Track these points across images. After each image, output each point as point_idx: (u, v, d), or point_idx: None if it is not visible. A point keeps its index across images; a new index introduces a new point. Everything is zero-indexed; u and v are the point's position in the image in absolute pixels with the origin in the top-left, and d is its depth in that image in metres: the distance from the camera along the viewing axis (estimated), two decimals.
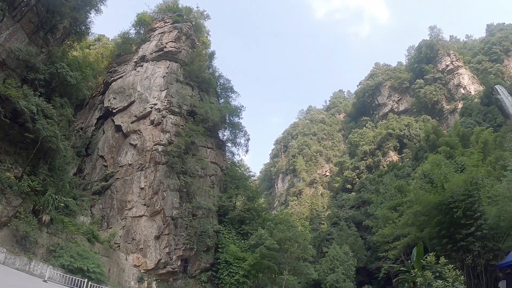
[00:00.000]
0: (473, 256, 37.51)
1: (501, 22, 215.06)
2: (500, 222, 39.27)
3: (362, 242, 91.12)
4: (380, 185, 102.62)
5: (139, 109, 63.23)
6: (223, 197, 66.54)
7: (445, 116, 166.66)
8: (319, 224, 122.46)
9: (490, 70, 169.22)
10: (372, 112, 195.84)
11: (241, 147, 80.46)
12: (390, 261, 62.19)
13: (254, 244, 57.05)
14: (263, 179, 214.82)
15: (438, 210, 42.01)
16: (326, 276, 72.44)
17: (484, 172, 54.34)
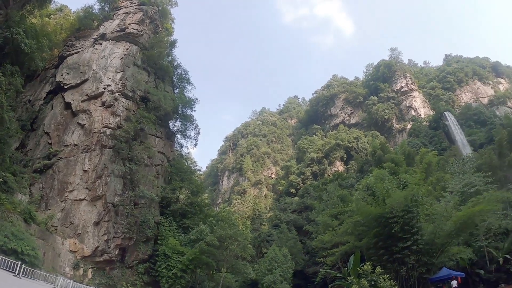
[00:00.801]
0: (408, 269, 38.85)
1: (458, 55, 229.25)
2: (436, 239, 40.88)
3: (301, 246, 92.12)
4: (323, 193, 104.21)
5: (92, 88, 60.74)
6: (167, 188, 65.05)
7: (394, 134, 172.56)
8: (260, 225, 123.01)
9: (442, 97, 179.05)
10: (323, 121, 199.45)
11: (191, 140, 79.11)
12: (327, 267, 63.23)
13: (194, 239, 56.28)
14: (209, 174, 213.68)
15: (377, 222, 43.02)
16: (263, 276, 72.63)
17: (424, 191, 56.03)
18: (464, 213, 41.99)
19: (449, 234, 41.52)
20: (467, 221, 41.86)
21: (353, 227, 51.00)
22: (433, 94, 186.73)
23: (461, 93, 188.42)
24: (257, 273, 71.81)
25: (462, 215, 41.80)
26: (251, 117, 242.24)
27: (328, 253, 62.59)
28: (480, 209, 42.00)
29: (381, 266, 33.18)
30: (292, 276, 75.69)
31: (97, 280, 46.89)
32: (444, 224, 41.79)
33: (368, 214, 44.70)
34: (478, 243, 48.97)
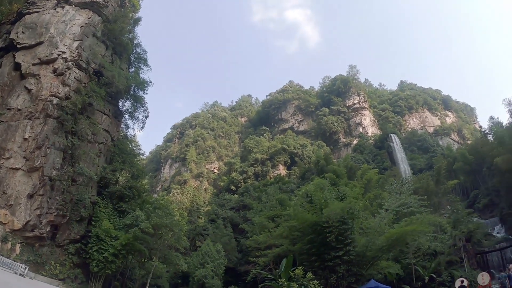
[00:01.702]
0: (338, 277, 39.81)
1: (413, 83, 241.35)
2: (367, 252, 42.17)
3: (236, 244, 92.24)
4: (263, 194, 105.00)
5: (46, 53, 57.36)
6: (107, 168, 62.35)
7: (339, 147, 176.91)
8: (197, 218, 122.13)
9: (390, 120, 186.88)
10: (273, 124, 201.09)
11: (138, 122, 76.63)
12: (259, 267, 63.62)
13: (129, 224, 54.81)
14: (152, 160, 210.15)
15: (312, 229, 43.69)
16: (195, 270, 72.19)
17: (361, 205, 57.60)
18: (397, 231, 43.55)
19: (380, 248, 42.94)
20: (399, 239, 43.45)
21: (289, 231, 51.50)
22: (382, 115, 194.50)
23: (409, 118, 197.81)
24: (189, 266, 71.22)
25: (395, 232, 43.33)
26: (202, 109, 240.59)
27: (261, 254, 63.02)
28: (412, 229, 43.79)
29: (312, 272, 33.79)
30: (224, 272, 75.77)
31: (25, 257, 44.47)
32: (377, 238, 43.19)
33: (304, 220, 45.24)
34: (406, 260, 51.08)
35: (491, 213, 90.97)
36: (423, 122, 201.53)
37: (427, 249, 54.93)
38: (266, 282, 40.22)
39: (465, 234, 61.12)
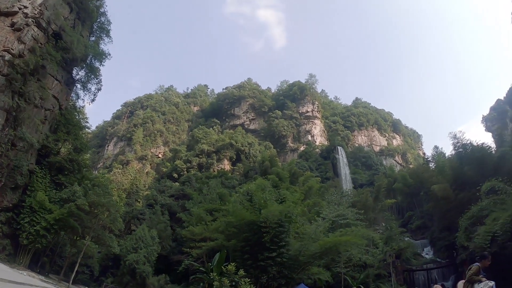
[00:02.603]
0: (269, 277, 40.07)
1: (368, 101, 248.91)
2: (300, 256, 42.75)
3: (171, 232, 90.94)
4: (205, 186, 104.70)
5: (6, 4, 54.27)
6: (50, 137, 59.50)
7: (286, 151, 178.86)
8: (135, 201, 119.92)
9: (340, 133, 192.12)
10: (224, 118, 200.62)
11: (89, 94, 73.61)
12: (192, 259, 63.11)
13: (65, 199, 52.89)
14: (97, 135, 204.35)
15: (249, 228, 43.72)
16: (127, 253, 70.65)
17: (299, 211, 58.33)
18: (331, 240, 44.34)
19: (313, 254, 43.46)
20: (332, 247, 44.07)
21: (225, 226, 51.29)
22: (333, 127, 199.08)
23: (358, 135, 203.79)
24: (121, 249, 69.52)
25: (329, 241, 44.06)
26: (156, 91, 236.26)
27: (196, 245, 62.45)
28: (346, 240, 44.61)
29: (244, 270, 33.81)
30: (156, 259, 74.59)
31: None
32: (311, 245, 43.70)
33: (242, 218, 45.13)
34: (337, 269, 52.19)
35: (423, 235, 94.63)
36: (371, 140, 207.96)
37: (358, 261, 56.39)
38: (198, 274, 39.89)
39: (396, 251, 63.40)
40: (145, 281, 66.55)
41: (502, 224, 46.32)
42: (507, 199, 52.48)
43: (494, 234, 46.43)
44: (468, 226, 56.03)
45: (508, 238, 44.49)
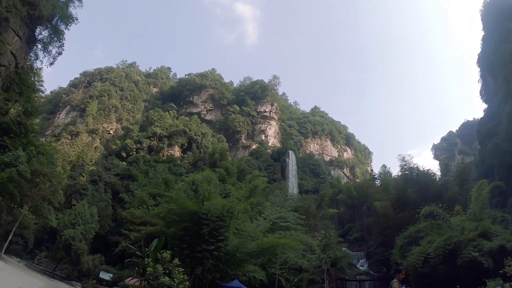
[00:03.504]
0: (204, 270, 39.91)
1: (325, 111, 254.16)
2: (237, 253, 42.80)
3: (112, 212, 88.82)
4: (152, 169, 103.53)
5: None
6: (1, 95, 57.44)
7: (238, 147, 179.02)
8: (79, 175, 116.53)
9: (293, 137, 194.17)
10: (182, 104, 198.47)
11: (49, 57, 70.17)
12: (130, 242, 61.87)
13: (7, 162, 50.54)
14: (50, 101, 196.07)
15: (190, 218, 43.22)
16: (64, 228, 68.34)
17: (242, 208, 58.05)
18: (269, 241, 44.61)
19: (250, 252, 43.65)
20: (269, 248, 44.40)
21: (167, 213, 50.50)
22: (287, 131, 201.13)
23: (311, 142, 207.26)
24: (59, 223, 67.23)
25: (267, 241, 44.35)
26: (118, 65, 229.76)
27: (135, 228, 61.37)
28: (284, 243, 45.14)
29: (180, 259, 33.49)
30: (93, 238, 72.68)
31: None
32: (249, 243, 43.96)
33: (184, 207, 44.49)
34: (272, 270, 52.35)
35: (360, 247, 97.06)
36: (323, 149, 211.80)
37: (294, 264, 57.26)
38: (134, 258, 39.30)
39: (332, 259, 64.56)
40: (80, 258, 64.53)
41: (436, 247, 47.96)
42: (443, 225, 54.38)
43: (428, 256, 48.02)
44: (404, 245, 57.80)
45: (440, 261, 46.10)
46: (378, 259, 76.33)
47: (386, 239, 72.99)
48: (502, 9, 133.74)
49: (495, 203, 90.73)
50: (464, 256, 43.37)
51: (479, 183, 60.38)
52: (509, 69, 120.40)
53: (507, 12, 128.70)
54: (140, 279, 36.88)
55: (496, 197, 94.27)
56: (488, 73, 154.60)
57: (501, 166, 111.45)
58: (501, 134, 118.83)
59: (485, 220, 50.38)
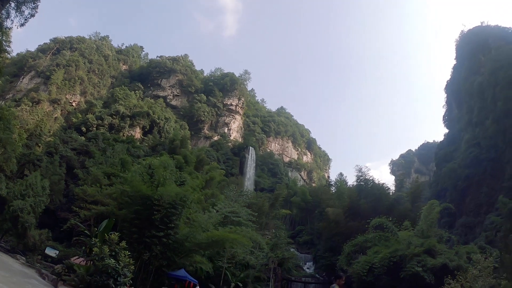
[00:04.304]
0: (151, 255, 39.63)
1: (291, 113, 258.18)
2: (186, 242, 42.64)
3: (64, 187, 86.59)
4: (110, 148, 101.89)
5: None
6: None
7: (200, 137, 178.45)
8: (35, 144, 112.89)
9: (256, 134, 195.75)
10: (149, 85, 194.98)
11: (21, 17, 68.23)
12: (79, 220, 60.53)
13: None
14: (15, 63, 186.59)
15: (142, 202, 42.73)
16: (14, 199, 66.02)
17: (196, 198, 58.02)
18: (219, 234, 44.90)
19: (199, 243, 43.51)
20: (219, 241, 44.59)
21: (120, 194, 49.67)
22: (251, 127, 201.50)
23: (272, 141, 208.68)
24: (9, 192, 65.14)
25: (217, 234, 44.64)
26: (90, 36, 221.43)
27: (86, 206, 60.10)
28: (234, 238, 45.40)
29: (128, 243, 33.14)
30: (42, 212, 70.59)
31: None
32: (199, 233, 43.78)
33: (138, 190, 43.91)
34: (220, 263, 52.64)
35: (308, 250, 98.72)
36: (283, 150, 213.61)
37: (241, 260, 57.54)
38: (81, 236, 38.78)
39: (279, 259, 65.58)
40: (27, 232, 62.55)
41: (381, 258, 49.37)
42: (391, 237, 55.90)
43: (373, 265, 49.35)
44: (351, 252, 59.19)
45: (384, 271, 47.46)
46: (325, 263, 77.58)
47: (335, 245, 74.24)
48: (476, 43, 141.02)
49: (444, 223, 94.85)
50: (408, 270, 44.86)
51: (430, 202, 62.37)
52: (474, 99, 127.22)
53: (480, 46, 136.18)
54: (86, 259, 36.35)
55: (445, 217, 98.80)
56: (453, 100, 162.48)
57: (454, 190, 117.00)
58: (457, 159, 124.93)
59: (432, 238, 52.11)
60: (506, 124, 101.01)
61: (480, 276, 35.16)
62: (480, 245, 67.39)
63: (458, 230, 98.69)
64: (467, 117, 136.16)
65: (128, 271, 28.79)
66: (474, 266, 37.64)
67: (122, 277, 27.91)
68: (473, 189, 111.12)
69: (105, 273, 27.14)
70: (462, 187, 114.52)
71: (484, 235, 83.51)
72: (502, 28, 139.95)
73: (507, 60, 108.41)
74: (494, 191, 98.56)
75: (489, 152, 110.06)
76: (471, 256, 44.60)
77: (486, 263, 36.65)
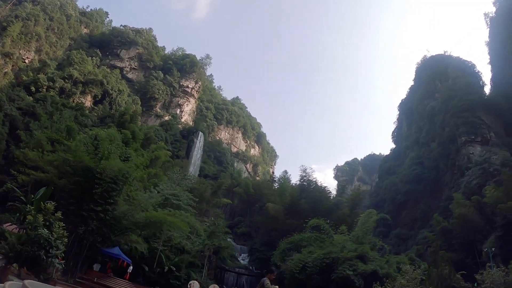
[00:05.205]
0: (87, 230, 38.63)
1: (245, 105, 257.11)
2: (123, 220, 42.15)
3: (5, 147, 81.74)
4: (57, 113, 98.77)
5: None
6: None
7: (151, 114, 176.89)
8: None
9: (207, 120, 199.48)
10: (108, 54, 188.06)
11: None
12: (16, 184, 58.22)
13: None
14: None
15: (84, 173, 41.61)
16: None
17: (139, 175, 56.94)
18: (158, 215, 44.41)
19: (136, 222, 43.14)
20: (157, 223, 44.34)
21: (61, 162, 47.89)
22: (203, 112, 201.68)
23: (223, 130, 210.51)
24: None
25: (156, 215, 44.12)
26: None
27: (25, 171, 57.98)
28: (172, 221, 45.15)
29: (64, 214, 32.21)
30: None
31: None
32: (138, 213, 43.29)
33: (81, 160, 42.35)
34: (155, 245, 52.59)
35: (245, 242, 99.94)
36: (232, 140, 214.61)
37: (177, 244, 57.62)
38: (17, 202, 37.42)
39: (215, 247, 65.89)
40: None
41: (315, 258, 50.70)
42: (327, 239, 57.41)
43: (306, 264, 50.57)
44: (286, 249, 60.40)
45: (316, 271, 48.81)
46: (259, 256, 78.80)
47: (271, 240, 75.47)
48: (436, 69, 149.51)
49: (379, 232, 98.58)
50: (339, 272, 46.31)
51: (368, 211, 64.57)
52: (424, 121, 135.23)
53: (439, 73, 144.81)
54: (19, 227, 35.20)
55: (380, 227, 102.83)
56: (405, 119, 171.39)
57: (392, 202, 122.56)
58: (399, 174, 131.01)
59: (366, 245, 53.86)
60: (450, 149, 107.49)
61: (407, 286, 36.68)
62: (411, 257, 71.13)
63: (391, 240, 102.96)
64: (415, 136, 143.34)
65: (61, 243, 27.78)
66: (403, 276, 39.27)
67: (54, 249, 26.96)
68: (411, 204, 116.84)
69: (37, 243, 26.13)
70: (401, 201, 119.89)
71: (416, 248, 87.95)
72: (463, 60, 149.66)
73: (462, 91, 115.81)
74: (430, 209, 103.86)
75: (430, 172, 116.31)
76: (401, 266, 46.76)
77: (414, 274, 38.29)
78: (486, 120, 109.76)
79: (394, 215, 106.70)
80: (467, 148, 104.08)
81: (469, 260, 74.07)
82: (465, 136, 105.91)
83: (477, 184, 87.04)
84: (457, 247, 79.22)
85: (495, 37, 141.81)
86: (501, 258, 61.51)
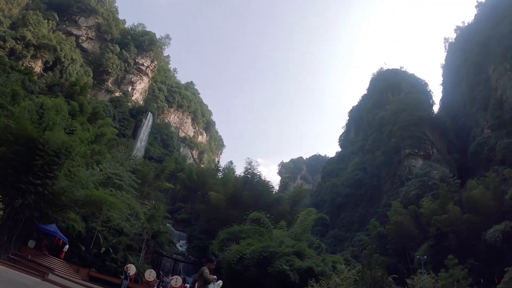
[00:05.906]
0: (23, 204, 36.93)
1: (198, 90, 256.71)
2: (62, 196, 40.73)
3: None
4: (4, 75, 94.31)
5: None
6: None
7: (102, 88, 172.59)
8: None
9: (158, 101, 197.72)
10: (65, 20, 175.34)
11: None
12: None
13: None
14: None
15: (26, 143, 39.36)
16: None
17: (82, 151, 55.18)
18: (98, 194, 43.41)
19: (76, 200, 41.86)
20: (96, 202, 43.40)
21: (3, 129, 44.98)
22: (155, 93, 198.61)
23: (173, 113, 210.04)
24: None
25: (96, 194, 43.13)
26: None
27: None
28: (113, 201, 44.29)
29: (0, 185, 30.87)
30: None
31: None
32: (78, 190, 41.96)
33: (24, 128, 39.98)
34: (93, 225, 51.71)
35: (184, 229, 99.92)
36: (181, 124, 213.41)
37: (116, 225, 56.51)
38: None
39: (154, 231, 65.40)
40: None
41: (253, 250, 51.34)
42: (266, 233, 58.22)
43: (243, 256, 51.16)
44: (225, 239, 60.74)
45: (254, 264, 49.54)
46: (198, 244, 79.04)
47: (211, 229, 75.78)
48: (390, 82, 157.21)
49: (317, 231, 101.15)
50: (276, 266, 47.12)
51: (308, 209, 65.91)
52: (372, 129, 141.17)
53: (392, 86, 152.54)
54: None
55: (319, 226, 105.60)
56: (353, 125, 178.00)
57: (331, 203, 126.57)
58: (342, 177, 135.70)
59: (303, 242, 55.08)
60: (393, 159, 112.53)
61: (341, 284, 37.64)
62: (346, 257, 73.80)
63: (328, 240, 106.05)
64: (361, 143, 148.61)
65: None
66: (338, 274, 40.37)
67: None
68: (350, 207, 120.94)
69: None
70: (341, 203, 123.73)
71: (351, 250, 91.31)
72: (416, 78, 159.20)
73: (412, 106, 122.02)
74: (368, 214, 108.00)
75: (372, 178, 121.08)
76: (336, 265, 48.23)
77: (349, 274, 39.45)
78: (431, 136, 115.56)
79: (333, 216, 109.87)
80: (410, 160, 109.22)
81: (401, 265, 77.96)
82: (409, 149, 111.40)
83: (415, 195, 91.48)
84: (390, 252, 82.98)
85: (451, 62, 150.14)
86: (432, 266, 65.18)
